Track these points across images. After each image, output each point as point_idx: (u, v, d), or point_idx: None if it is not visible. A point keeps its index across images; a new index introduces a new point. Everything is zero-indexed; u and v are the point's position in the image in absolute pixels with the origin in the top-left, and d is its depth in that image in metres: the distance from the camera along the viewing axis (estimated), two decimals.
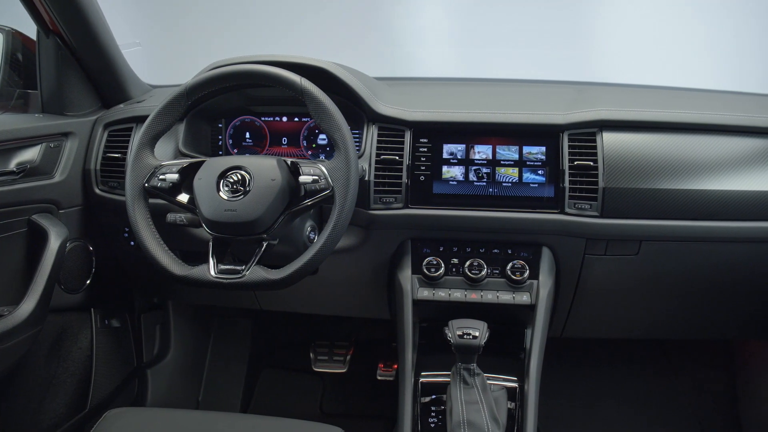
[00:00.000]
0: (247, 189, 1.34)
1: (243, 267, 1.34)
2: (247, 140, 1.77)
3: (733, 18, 2.32)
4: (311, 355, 2.35)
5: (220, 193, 1.35)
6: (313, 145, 1.75)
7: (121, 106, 1.84)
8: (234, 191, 1.35)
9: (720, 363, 2.29)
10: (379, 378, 2.23)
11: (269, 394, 2.40)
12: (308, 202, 1.36)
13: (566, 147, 1.53)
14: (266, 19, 2.53)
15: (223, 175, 1.37)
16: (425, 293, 1.58)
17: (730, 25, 2.32)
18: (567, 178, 1.52)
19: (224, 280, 1.33)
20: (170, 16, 2.64)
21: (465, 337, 1.38)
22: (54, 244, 1.56)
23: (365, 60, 2.25)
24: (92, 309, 1.89)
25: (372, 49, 2.47)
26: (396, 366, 2.18)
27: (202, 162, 1.41)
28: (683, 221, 1.52)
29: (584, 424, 2.24)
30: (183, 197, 1.41)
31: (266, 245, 1.36)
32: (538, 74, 2.12)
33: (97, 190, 1.73)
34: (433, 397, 1.50)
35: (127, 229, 1.79)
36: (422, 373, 1.54)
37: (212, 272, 1.34)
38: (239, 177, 1.36)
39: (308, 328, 2.46)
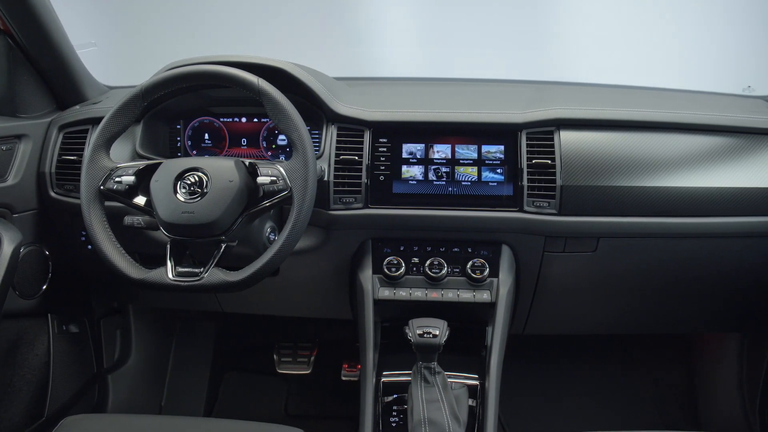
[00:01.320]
0: (205, 190, 1.33)
1: (201, 269, 1.32)
2: (206, 141, 1.76)
3: (689, 18, 2.36)
4: (275, 356, 2.33)
5: (178, 195, 1.33)
6: (273, 146, 1.74)
7: (77, 107, 1.81)
8: (191, 193, 1.33)
9: (678, 357, 2.33)
10: (343, 378, 2.23)
11: (233, 397, 2.38)
12: (267, 203, 1.35)
13: (524, 146, 1.55)
14: (229, 20, 2.51)
15: (180, 176, 1.35)
16: (386, 293, 1.58)
17: (686, 26, 2.36)
18: (525, 177, 1.53)
19: (182, 283, 1.32)
20: (130, 16, 2.60)
21: (425, 336, 1.38)
22: (7, 249, 1.53)
23: (328, 60, 2.24)
24: (49, 314, 1.85)
25: (335, 50, 2.47)
26: (360, 366, 2.18)
27: (159, 164, 1.39)
28: (639, 218, 1.55)
29: (547, 418, 2.26)
30: (140, 200, 1.39)
31: (225, 247, 1.35)
32: (499, 74, 2.14)
33: (52, 194, 1.70)
34: (395, 396, 1.50)
35: (84, 233, 1.76)
36: (384, 373, 1.54)
37: (170, 275, 1.33)
38: (196, 178, 1.35)
39: (272, 330, 2.44)
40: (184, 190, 1.34)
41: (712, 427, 2.15)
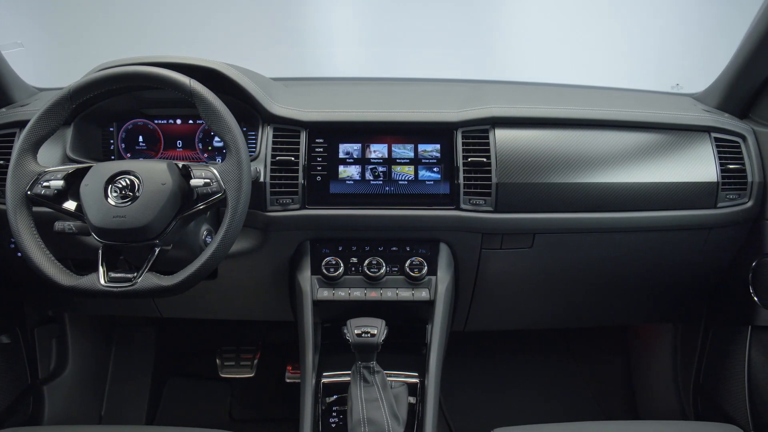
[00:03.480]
0: (137, 194, 1.31)
1: (135, 274, 1.30)
2: (141, 144, 1.72)
3: (622, 19, 2.42)
4: (217, 361, 2.30)
5: (108, 200, 1.30)
6: (209, 148, 1.72)
7: (3, 110, 1.75)
8: (123, 197, 1.31)
9: (617, 349, 2.39)
10: (287, 380, 2.21)
11: (176, 403, 2.34)
12: (201, 206, 1.33)
13: (460, 144, 1.56)
14: (167, 20, 2.47)
15: (111, 180, 1.32)
16: (325, 293, 1.57)
17: (619, 26, 2.42)
18: (461, 175, 1.55)
19: (114, 289, 1.29)
20: (65, 15, 2.54)
21: (363, 335, 1.38)
22: None
23: (269, 61, 2.24)
24: None
25: (276, 50, 2.45)
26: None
27: (89, 167, 1.36)
28: (573, 213, 1.58)
29: (490, 413, 2.29)
30: (70, 204, 1.35)
31: (159, 251, 1.33)
32: (438, 73, 2.16)
33: None
34: (335, 397, 1.50)
35: (13, 240, 1.70)
36: (324, 374, 1.54)
37: (102, 281, 1.30)
38: (128, 182, 1.32)
39: (214, 334, 2.41)
40: (115, 194, 1.31)
41: (650, 416, 2.21)
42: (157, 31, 2.43)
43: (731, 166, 1.63)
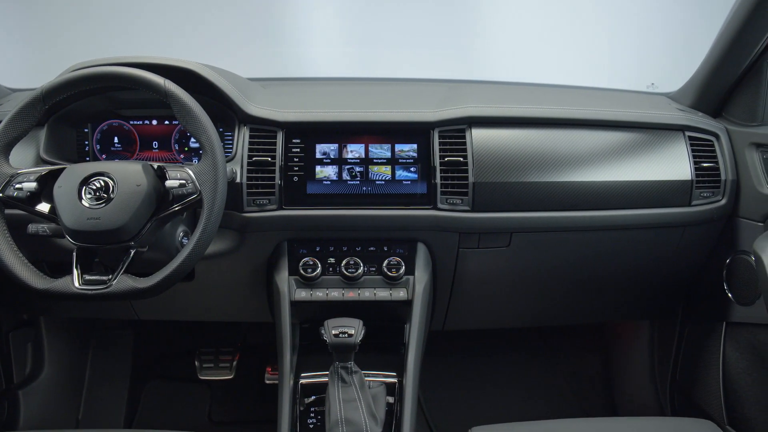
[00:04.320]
0: (111, 196, 1.30)
1: (109, 277, 1.29)
2: (116, 145, 1.71)
3: (599, 19, 2.44)
4: (196, 363, 2.28)
5: (83, 201, 1.29)
6: (186, 149, 1.71)
7: None
8: (97, 198, 1.30)
9: (595, 346, 2.41)
10: (267, 382, 2.20)
11: (155, 406, 2.32)
12: (176, 207, 1.33)
13: (437, 144, 1.57)
14: (145, 20, 2.45)
15: (85, 181, 1.31)
16: (303, 294, 1.57)
17: (595, 26, 2.44)
18: (438, 175, 1.55)
19: (89, 292, 1.28)
20: (39, 15, 2.50)
21: (341, 336, 1.38)
22: None
23: (247, 61, 2.23)
24: None
25: (254, 51, 2.44)
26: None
27: (63, 169, 1.35)
28: (550, 212, 1.59)
29: (471, 411, 2.30)
30: (44, 207, 1.34)
31: (135, 253, 1.32)
32: (417, 73, 2.16)
33: None
34: (314, 398, 1.49)
35: None
36: (303, 374, 1.53)
37: (76, 284, 1.29)
38: (102, 183, 1.31)
39: (193, 336, 2.39)
40: (89, 196, 1.30)
41: (627, 413, 2.23)
42: (133, 31, 2.41)
43: (705, 165, 1.65)
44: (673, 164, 1.64)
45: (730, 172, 1.66)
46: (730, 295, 1.71)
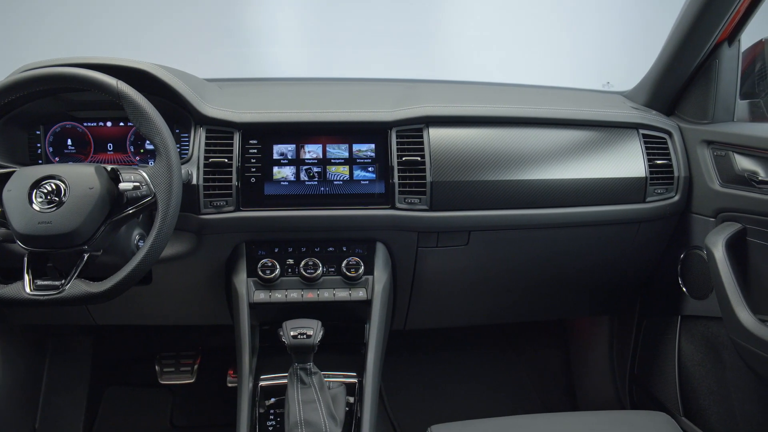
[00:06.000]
0: (63, 199, 1.27)
1: (62, 282, 1.26)
2: (69, 147, 1.67)
3: (556, 19, 2.47)
4: (157, 367, 2.25)
5: (33, 205, 1.27)
6: (141, 151, 1.68)
7: None
8: (48, 202, 1.27)
9: (556, 342, 2.44)
10: (229, 385, 2.16)
11: (114, 413, 2.28)
12: (130, 210, 1.31)
13: (394, 143, 1.57)
14: (100, 20, 2.41)
15: (35, 185, 1.28)
16: (261, 296, 1.56)
17: (552, 26, 2.47)
18: (396, 174, 1.55)
19: (41, 297, 1.26)
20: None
21: (299, 337, 1.38)
22: None
23: (203, 62, 2.21)
24: None
25: (213, 51, 2.42)
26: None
27: (12, 172, 1.32)
28: (507, 210, 1.61)
29: (434, 409, 2.31)
30: None
31: (88, 257, 1.30)
32: (373, 73, 2.16)
33: None
34: (273, 400, 1.49)
35: None
36: (262, 377, 1.52)
37: (28, 289, 1.26)
38: (53, 187, 1.28)
39: (153, 340, 2.36)
40: (40, 200, 1.27)
41: (588, 407, 2.26)
42: (87, 31, 2.37)
43: (659, 162, 1.68)
44: (627, 162, 1.67)
45: (683, 169, 1.69)
46: (684, 289, 1.74)
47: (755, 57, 1.72)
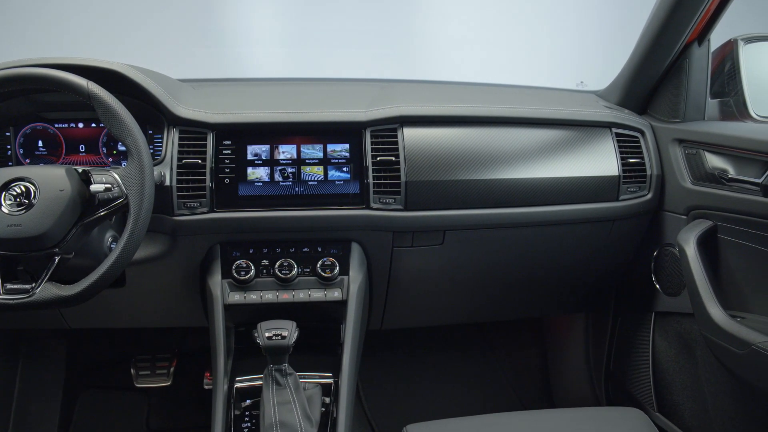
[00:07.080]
0: (33, 201, 1.25)
1: (33, 285, 1.25)
2: (41, 149, 1.65)
3: (530, 19, 2.49)
4: (132, 371, 2.23)
5: (2, 208, 1.25)
6: (114, 152, 1.66)
7: None
8: (18, 204, 1.25)
9: (533, 340, 2.45)
10: (206, 387, 2.15)
11: (90, 417, 2.26)
12: (102, 212, 1.29)
13: (369, 143, 1.57)
14: (71, 20, 2.38)
15: (4, 187, 1.27)
16: (236, 297, 1.55)
17: (527, 26, 2.49)
18: (371, 174, 1.55)
19: (11, 301, 1.24)
20: None
21: (274, 338, 1.37)
22: None
23: (177, 62, 2.19)
24: None
25: (184, 51, 2.40)
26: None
27: None
28: (482, 209, 1.61)
29: (412, 408, 2.31)
30: None
31: (59, 260, 1.28)
32: (348, 73, 2.16)
33: None
34: (249, 401, 1.48)
35: None
36: (237, 378, 1.51)
37: None
38: (23, 189, 1.26)
39: (128, 343, 2.34)
40: (9, 202, 1.25)
41: (564, 404, 2.27)
42: (58, 31, 2.34)
43: (631, 160, 1.70)
44: (601, 160, 1.68)
45: (655, 167, 1.71)
46: (657, 286, 1.76)
47: (725, 57, 1.74)
